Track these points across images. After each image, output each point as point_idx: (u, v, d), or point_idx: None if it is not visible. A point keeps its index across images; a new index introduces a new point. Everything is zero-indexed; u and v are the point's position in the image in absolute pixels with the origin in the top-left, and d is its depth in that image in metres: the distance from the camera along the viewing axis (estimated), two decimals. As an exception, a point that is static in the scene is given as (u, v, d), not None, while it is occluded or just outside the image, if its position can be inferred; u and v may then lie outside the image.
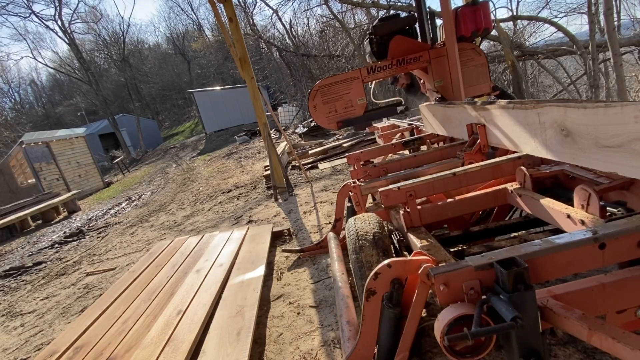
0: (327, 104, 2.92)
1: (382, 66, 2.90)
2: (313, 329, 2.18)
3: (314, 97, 2.91)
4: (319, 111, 2.92)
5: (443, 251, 1.30)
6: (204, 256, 3.50)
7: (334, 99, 2.91)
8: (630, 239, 1.00)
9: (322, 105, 2.91)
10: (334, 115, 2.95)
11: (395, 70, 2.91)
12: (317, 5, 17.99)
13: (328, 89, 2.90)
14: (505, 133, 1.83)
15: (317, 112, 2.93)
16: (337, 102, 2.91)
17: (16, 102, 37.00)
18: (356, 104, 2.93)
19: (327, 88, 2.90)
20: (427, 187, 1.71)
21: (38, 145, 12.99)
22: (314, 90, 2.90)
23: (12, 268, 5.76)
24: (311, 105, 2.92)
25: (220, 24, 5.36)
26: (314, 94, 2.90)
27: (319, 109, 2.92)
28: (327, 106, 2.92)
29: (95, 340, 2.43)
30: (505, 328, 0.86)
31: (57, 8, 22.92)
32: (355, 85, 2.90)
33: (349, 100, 2.93)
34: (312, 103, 2.91)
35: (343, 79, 2.90)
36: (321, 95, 2.90)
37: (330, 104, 2.92)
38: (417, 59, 2.90)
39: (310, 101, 2.92)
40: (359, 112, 2.96)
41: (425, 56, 2.89)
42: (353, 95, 2.92)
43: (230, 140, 16.44)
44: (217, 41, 31.40)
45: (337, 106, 2.92)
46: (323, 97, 2.91)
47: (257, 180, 7.50)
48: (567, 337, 1.57)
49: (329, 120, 2.97)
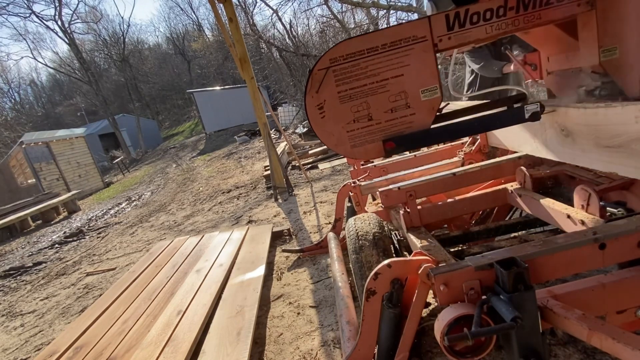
0: (350, 102, 1.24)
1: (481, 12, 1.18)
2: (313, 329, 2.18)
3: (320, 83, 1.23)
4: (330, 118, 1.26)
5: (443, 251, 1.30)
6: (204, 256, 3.50)
7: (365, 89, 1.23)
8: (630, 239, 1.00)
9: (337, 104, 1.25)
10: (366, 128, 1.27)
11: (514, 22, 1.19)
12: (317, 5, 18.04)
13: (353, 65, 1.22)
14: (505, 133, 1.83)
15: (327, 121, 1.27)
16: (374, 96, 1.24)
17: (16, 102, 37.03)
18: (418, 101, 1.25)
19: (351, 63, 1.22)
20: (427, 187, 1.71)
21: (38, 145, 12.99)
22: (318, 70, 1.22)
23: (12, 268, 5.76)
24: (313, 103, 1.25)
25: (220, 24, 5.36)
26: (319, 76, 1.22)
27: (331, 112, 1.26)
28: (349, 106, 1.25)
29: (95, 341, 2.44)
30: (505, 328, 0.86)
31: (57, 8, 22.92)
32: (418, 57, 1.22)
33: (402, 93, 1.24)
34: (316, 99, 1.24)
35: (389, 42, 1.20)
36: (336, 79, 1.23)
37: (356, 101, 1.24)
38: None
39: (310, 95, 1.24)
40: (425, 119, 1.27)
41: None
42: (410, 81, 1.23)
43: (230, 140, 16.44)
44: (217, 41, 31.39)
45: (371, 107, 1.25)
46: (341, 86, 1.23)
47: (257, 180, 7.50)
48: (567, 337, 1.57)
49: (354, 138, 1.28)
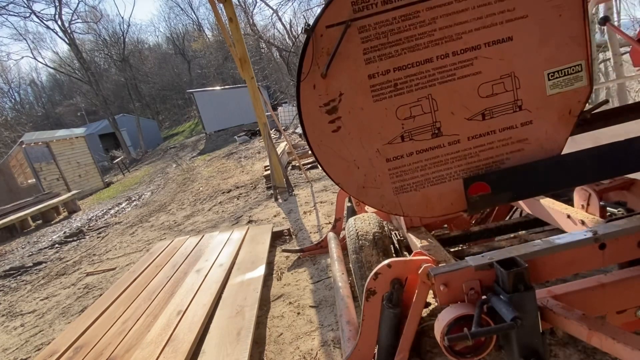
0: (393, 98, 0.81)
1: None
2: (313, 329, 2.18)
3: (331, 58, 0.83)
4: (349, 132, 0.87)
5: (443, 251, 1.30)
6: (204, 256, 3.50)
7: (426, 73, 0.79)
8: (630, 239, 1.00)
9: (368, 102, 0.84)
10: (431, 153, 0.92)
11: None
12: (317, 5, 18.01)
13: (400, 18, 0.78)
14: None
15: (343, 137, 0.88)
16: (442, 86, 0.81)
17: (16, 102, 37.01)
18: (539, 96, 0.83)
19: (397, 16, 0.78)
20: (427, 187, 1.70)
21: (38, 145, 12.99)
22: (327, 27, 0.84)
23: (12, 268, 5.76)
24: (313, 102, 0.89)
25: (220, 24, 5.36)
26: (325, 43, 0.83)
27: (353, 121, 0.87)
28: (389, 107, 0.83)
29: (95, 340, 2.44)
30: (505, 328, 0.86)
31: (57, 8, 22.91)
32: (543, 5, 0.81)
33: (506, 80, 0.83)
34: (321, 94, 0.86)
35: None
36: (365, 50, 0.82)
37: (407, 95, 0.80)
38: None
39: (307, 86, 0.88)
40: (556, 133, 0.89)
41: None
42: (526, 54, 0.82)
43: (230, 140, 16.44)
44: (217, 41, 31.40)
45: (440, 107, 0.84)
46: (375, 64, 0.80)
47: (257, 180, 7.50)
48: (567, 337, 1.57)
49: (402, 174, 1.00)
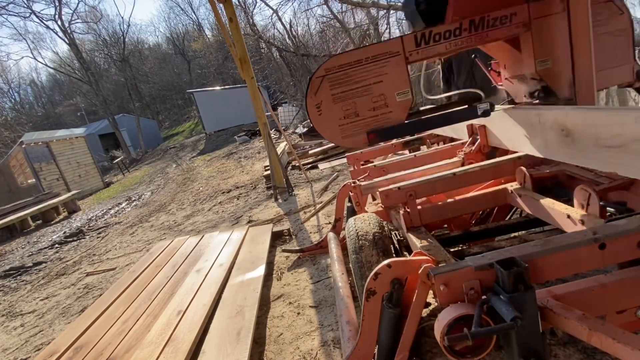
0: (341, 103, 1.66)
1: (442, 33, 1.64)
2: (313, 329, 2.18)
3: (317, 88, 1.65)
4: (326, 115, 1.68)
5: (443, 251, 1.30)
6: (203, 256, 3.50)
7: (353, 93, 1.66)
8: (630, 239, 1.00)
9: (331, 104, 1.66)
10: (354, 124, 1.69)
11: (468, 40, 1.66)
12: (317, 5, 18.04)
13: (343, 74, 1.65)
14: (505, 133, 1.83)
15: (323, 117, 1.68)
16: (359, 98, 1.66)
17: (16, 102, 36.97)
18: (394, 101, 1.66)
19: (342, 72, 1.65)
20: (427, 187, 1.71)
21: (38, 145, 12.99)
22: (316, 77, 1.64)
23: (12, 268, 5.76)
24: (312, 104, 1.67)
25: (220, 24, 5.36)
26: (317, 82, 1.64)
27: (327, 111, 1.68)
28: (340, 106, 1.67)
29: (95, 341, 2.44)
30: (505, 328, 0.86)
31: (57, 8, 22.88)
32: (394, 68, 1.63)
33: (381, 96, 1.66)
34: (314, 101, 1.66)
35: (370, 56, 1.63)
36: (330, 86, 1.64)
37: (346, 102, 1.66)
38: (507, 20, 1.64)
39: (310, 97, 1.66)
40: (400, 115, 1.68)
41: (521, 15, 1.65)
42: (388, 86, 1.65)
43: (230, 140, 16.44)
44: (217, 41, 31.39)
45: (359, 106, 1.67)
46: (334, 90, 1.65)
47: (257, 180, 7.50)
48: (567, 337, 1.57)
49: (345, 132, 1.71)
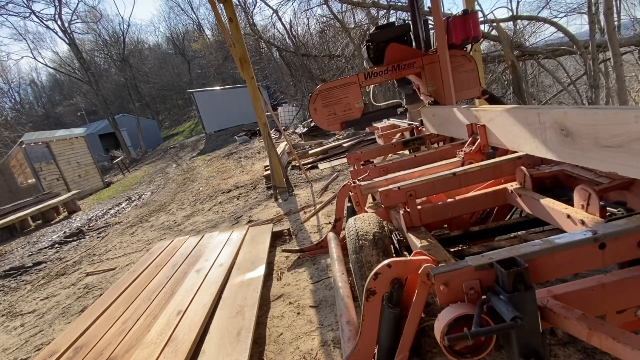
0: (327, 107, 3.15)
1: (378, 72, 3.11)
2: (313, 329, 2.18)
3: (315, 100, 3.14)
4: (319, 114, 3.17)
5: (443, 251, 1.30)
6: (203, 256, 3.50)
7: (333, 102, 3.14)
8: (630, 239, 1.00)
9: (322, 108, 3.14)
10: (334, 118, 3.18)
11: (391, 75, 3.11)
12: (317, 5, 17.97)
13: (328, 93, 3.12)
14: (505, 133, 1.83)
15: (318, 115, 3.17)
16: (337, 105, 3.14)
17: (16, 102, 36.92)
18: (354, 107, 3.18)
19: (327, 92, 3.12)
20: (427, 187, 1.71)
21: (38, 145, 12.98)
22: (314, 95, 3.15)
23: (12, 268, 5.76)
24: (312, 108, 3.16)
25: (220, 24, 5.36)
26: (314, 97, 3.15)
27: (320, 112, 3.16)
28: (327, 109, 3.15)
29: (95, 341, 2.43)
30: (505, 328, 0.86)
31: (57, 8, 22.89)
32: (353, 90, 3.15)
33: (348, 104, 3.17)
34: (313, 106, 3.15)
35: (342, 84, 3.13)
36: (321, 99, 3.13)
37: (330, 107, 3.15)
38: (411, 65, 3.11)
39: (311, 104, 3.16)
40: (357, 114, 3.20)
41: (418, 62, 3.11)
42: (351, 99, 3.16)
43: (230, 140, 16.44)
44: (217, 41, 31.36)
45: (336, 109, 3.15)
46: (323, 101, 3.14)
47: (257, 180, 7.50)
48: (567, 337, 1.57)
49: (329, 122, 3.20)
